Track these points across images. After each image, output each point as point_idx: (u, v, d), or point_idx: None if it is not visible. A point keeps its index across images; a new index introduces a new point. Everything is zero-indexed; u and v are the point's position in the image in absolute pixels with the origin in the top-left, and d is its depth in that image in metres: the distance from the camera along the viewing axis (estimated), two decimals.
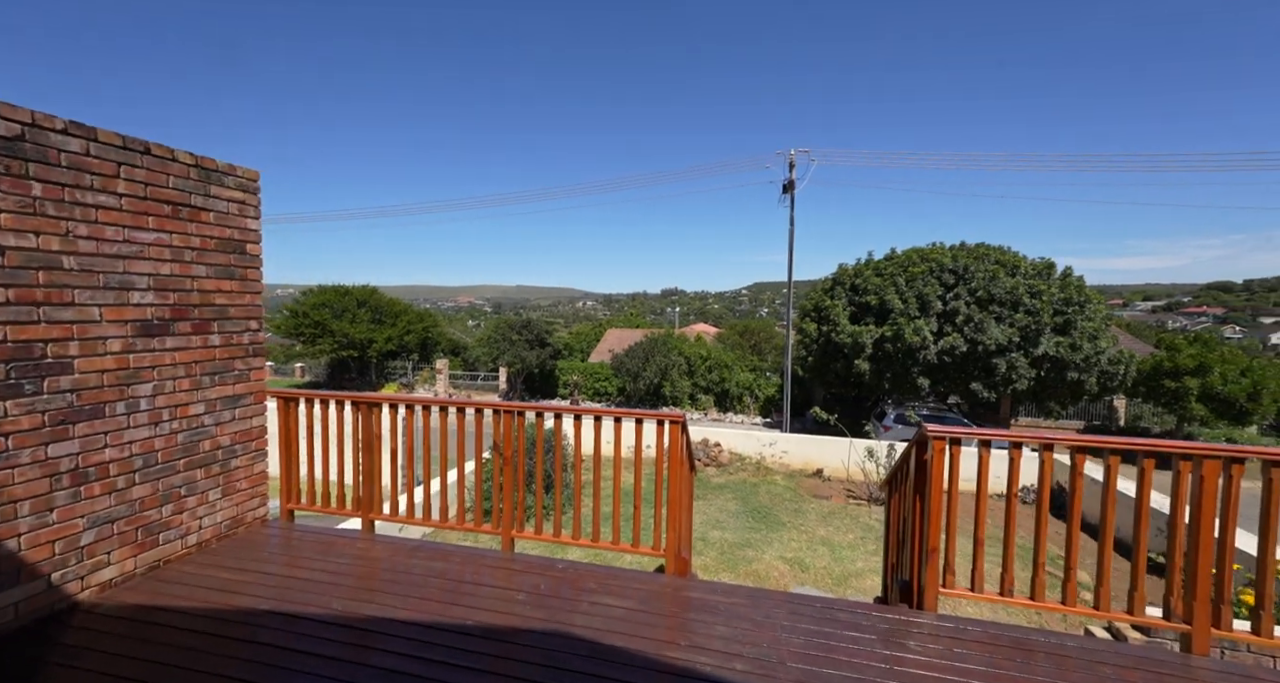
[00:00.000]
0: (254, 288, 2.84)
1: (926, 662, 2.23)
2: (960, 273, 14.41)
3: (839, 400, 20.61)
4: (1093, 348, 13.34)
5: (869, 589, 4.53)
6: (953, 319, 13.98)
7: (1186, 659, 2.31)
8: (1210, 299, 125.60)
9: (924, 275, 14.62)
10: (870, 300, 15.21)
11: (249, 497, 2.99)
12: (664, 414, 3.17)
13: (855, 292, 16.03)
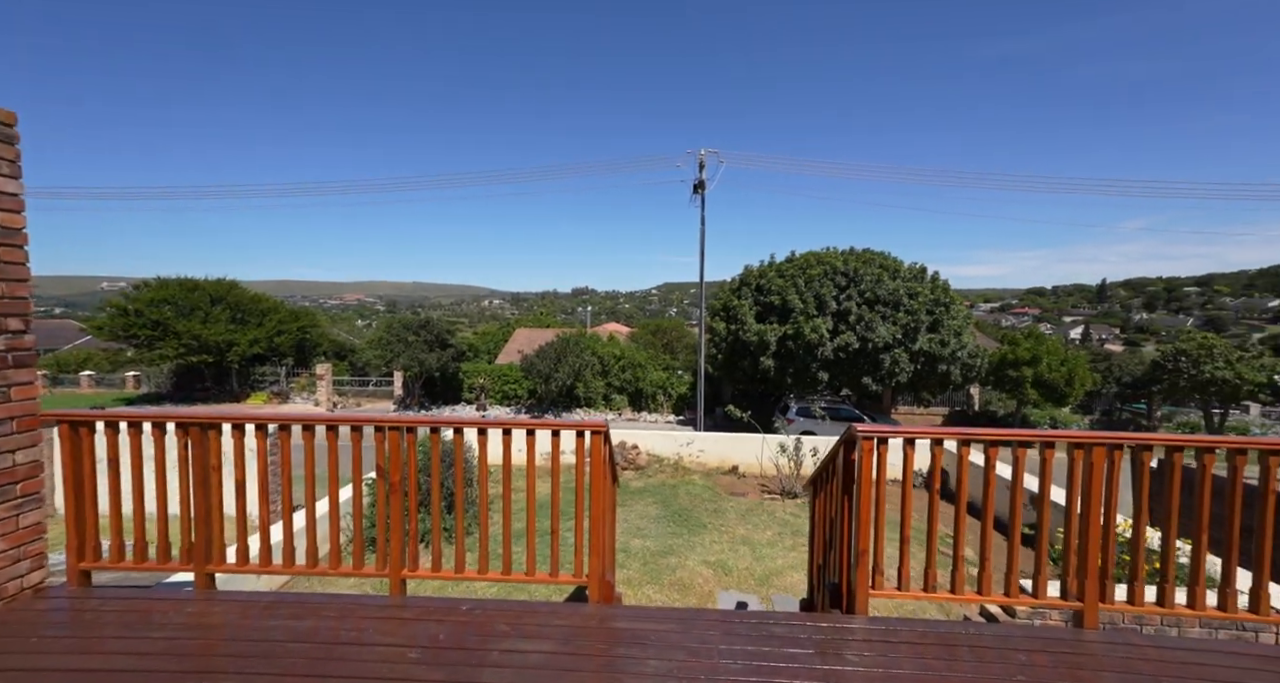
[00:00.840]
0: (12, 275, 2.07)
1: (865, 672, 2.12)
2: (851, 275, 15.67)
3: (745, 397, 21.52)
4: (958, 344, 15.19)
5: (791, 587, 4.54)
6: (846, 318, 15.15)
7: (1079, 634, 2.45)
8: (1030, 302, 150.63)
9: (820, 277, 15.69)
10: (774, 300, 16.01)
11: (12, 560, 2.19)
12: (584, 423, 2.84)
13: (760, 292, 16.80)
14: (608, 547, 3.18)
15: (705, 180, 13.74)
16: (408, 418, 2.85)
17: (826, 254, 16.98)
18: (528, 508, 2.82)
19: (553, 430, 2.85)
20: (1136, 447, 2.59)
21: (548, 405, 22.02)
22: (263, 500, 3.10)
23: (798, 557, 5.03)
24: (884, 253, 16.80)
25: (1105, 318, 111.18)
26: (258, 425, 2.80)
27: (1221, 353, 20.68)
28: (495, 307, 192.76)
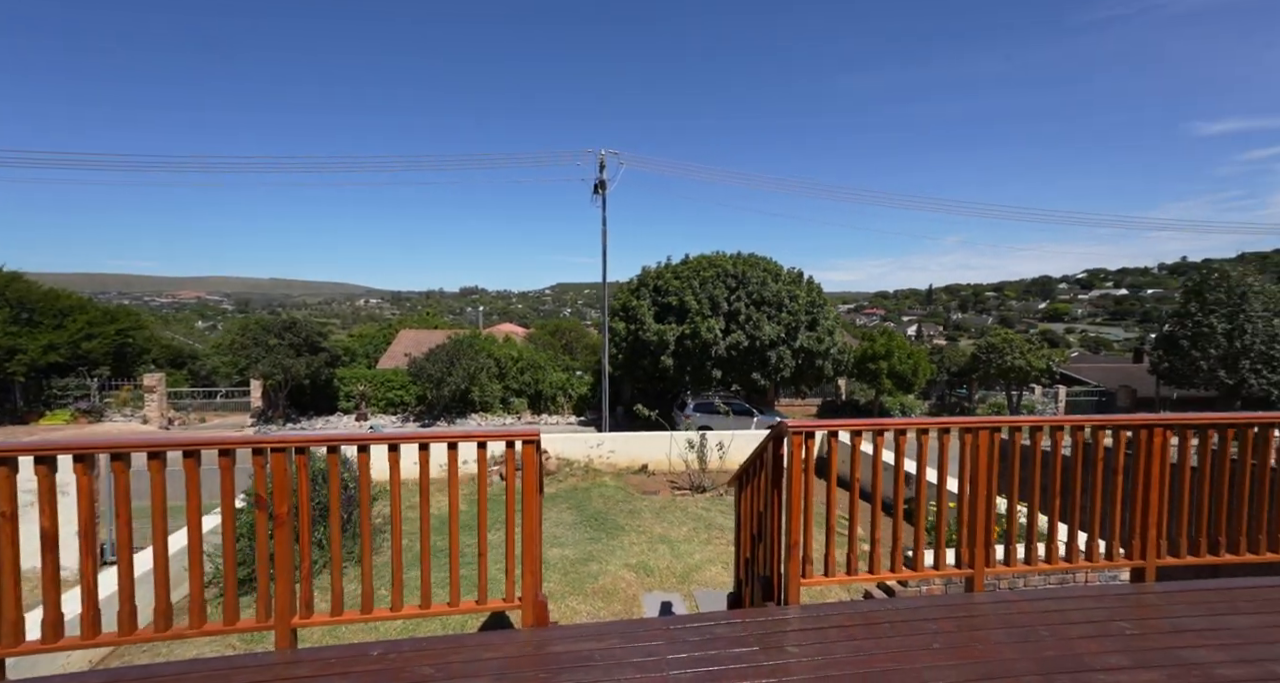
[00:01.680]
0: None
1: (808, 661, 2.21)
2: (740, 278, 16.74)
3: (644, 395, 21.97)
4: (831, 341, 16.98)
5: (712, 581, 4.66)
6: (736, 318, 16.14)
7: (971, 597, 2.80)
8: (877, 303, 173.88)
9: (713, 279, 16.53)
10: (671, 301, 16.53)
11: None
12: (514, 433, 2.63)
13: (658, 293, 17.24)
14: (539, 564, 2.99)
15: (606, 180, 13.77)
16: (297, 437, 2.41)
17: (717, 257, 17.96)
18: (451, 530, 2.55)
19: (479, 442, 2.60)
20: (1010, 429, 3.02)
21: (439, 412, 20.50)
22: (86, 550, 2.42)
23: (714, 551, 5.20)
24: (767, 258, 18.24)
25: (932, 317, 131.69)
26: (77, 456, 2.18)
27: (1017, 346, 25.54)
28: (372, 306, 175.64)
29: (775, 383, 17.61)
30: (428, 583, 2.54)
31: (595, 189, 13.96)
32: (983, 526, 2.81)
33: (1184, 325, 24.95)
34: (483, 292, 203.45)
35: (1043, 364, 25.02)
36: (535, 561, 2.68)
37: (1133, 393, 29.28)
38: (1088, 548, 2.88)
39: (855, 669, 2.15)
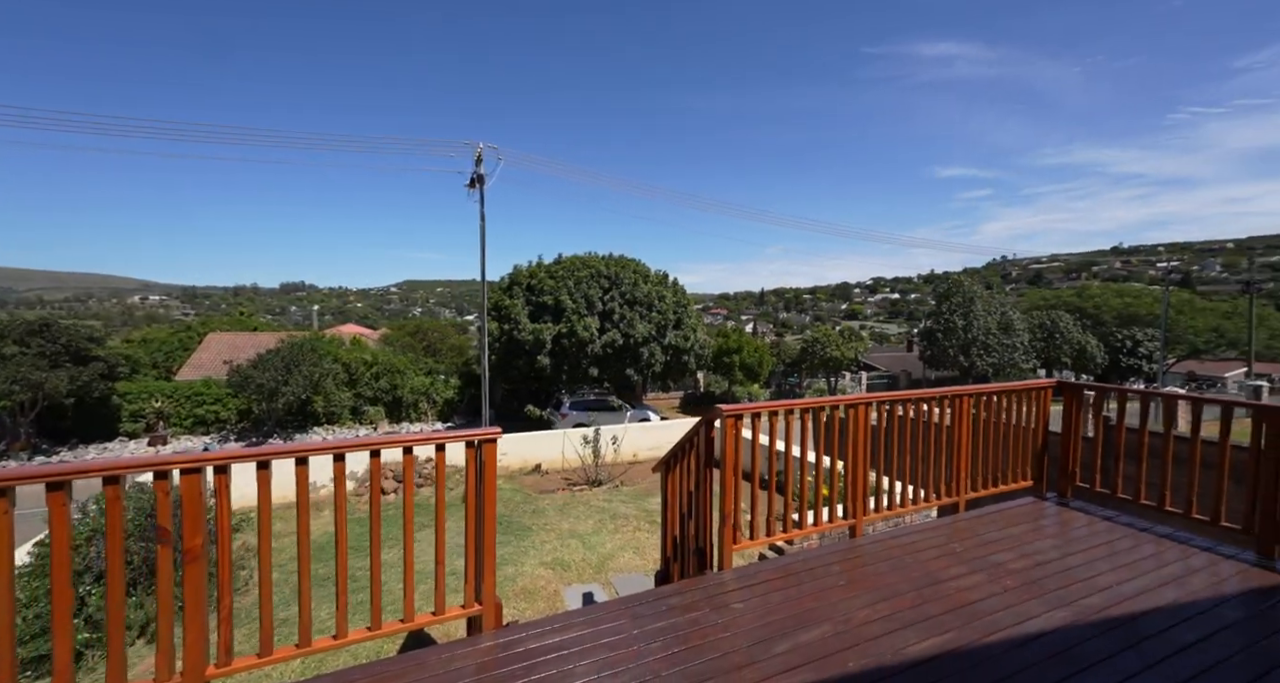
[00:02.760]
0: None
1: (751, 613, 2.65)
2: (613, 279, 17.35)
3: (515, 396, 21.46)
4: (695, 338, 18.54)
5: (627, 567, 4.96)
6: (611, 317, 16.71)
7: (855, 543, 3.52)
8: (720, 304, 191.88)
9: (588, 279, 16.87)
10: (547, 301, 16.46)
11: None
12: (474, 434, 2.62)
13: (532, 292, 17.01)
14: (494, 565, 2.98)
15: (484, 175, 13.06)
16: (184, 458, 2.10)
17: (590, 258, 18.35)
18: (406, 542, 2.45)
19: (437, 445, 2.54)
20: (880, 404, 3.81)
21: (271, 428, 17.52)
22: None
23: (624, 539, 5.51)
24: (636, 260, 19.18)
25: (764, 317, 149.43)
26: None
27: (833, 340, 30.62)
28: (153, 305, 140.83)
29: (647, 378, 18.62)
30: (378, 606, 2.42)
31: (471, 183, 13.20)
32: (862, 486, 3.55)
33: (937, 322, 32.23)
34: (311, 288, 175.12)
35: (852, 355, 30.31)
36: (493, 561, 2.71)
37: (909, 375, 36.97)
38: (924, 494, 3.81)
39: (790, 612, 2.64)
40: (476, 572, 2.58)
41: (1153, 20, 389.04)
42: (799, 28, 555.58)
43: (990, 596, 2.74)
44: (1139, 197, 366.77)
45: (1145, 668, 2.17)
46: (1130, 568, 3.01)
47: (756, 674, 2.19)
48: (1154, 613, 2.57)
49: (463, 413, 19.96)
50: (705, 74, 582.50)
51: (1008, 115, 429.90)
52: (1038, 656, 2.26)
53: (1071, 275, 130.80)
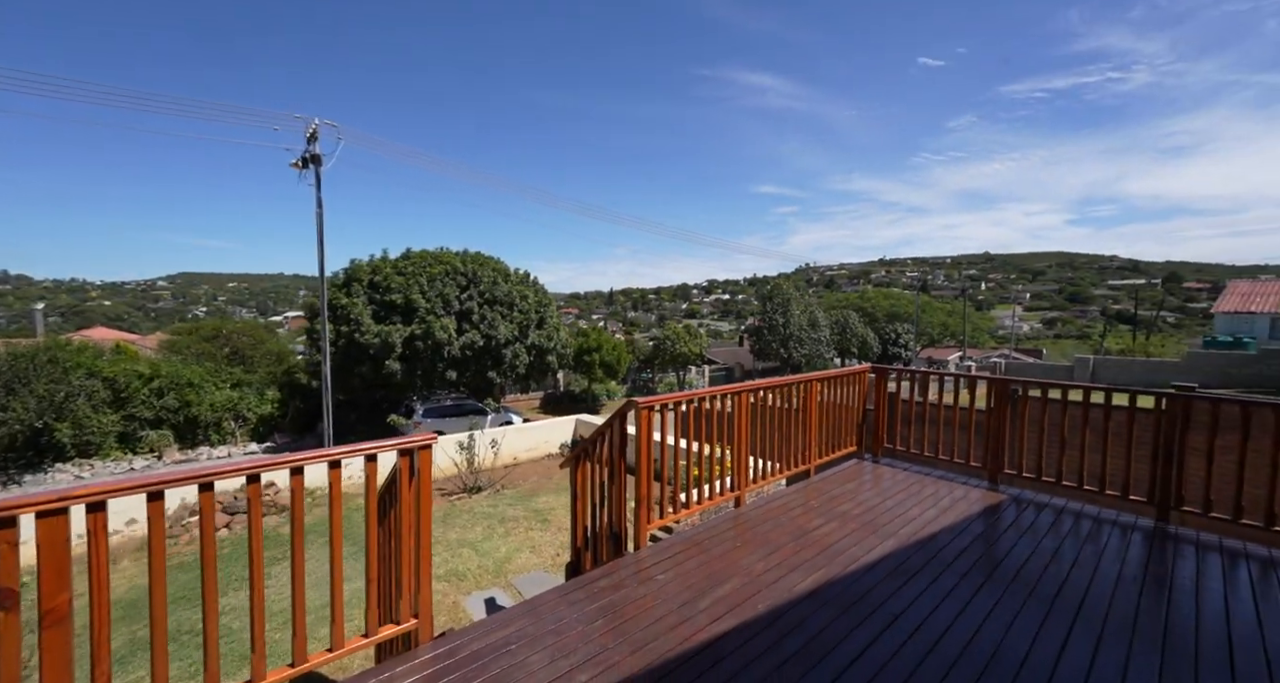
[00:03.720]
0: None
1: (672, 580, 3.05)
2: (471, 277, 16.50)
3: (353, 405, 19.13)
4: (558, 338, 18.60)
5: (526, 567, 5.00)
6: (470, 317, 15.88)
7: (741, 511, 4.14)
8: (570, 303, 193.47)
9: (442, 277, 15.77)
10: (395, 299, 14.96)
11: None
12: (409, 441, 2.53)
13: (376, 290, 15.29)
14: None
15: (320, 155, 11.21)
16: (99, 486, 1.78)
17: (444, 254, 17.17)
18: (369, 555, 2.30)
19: (367, 455, 2.41)
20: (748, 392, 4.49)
21: None
22: None
23: (517, 541, 5.49)
24: (495, 258, 18.53)
25: (614, 316, 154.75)
26: None
27: (681, 337, 33.36)
28: None
29: (510, 380, 18.12)
30: (303, 634, 2.23)
31: (304, 163, 11.24)
32: (744, 462, 4.20)
33: (763, 320, 37.20)
34: (25, 280, 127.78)
35: (697, 350, 33.29)
36: (429, 571, 2.67)
37: (742, 367, 41.88)
38: (785, 464, 4.63)
39: (703, 574, 3.10)
40: (414, 584, 2.51)
41: (902, 82, 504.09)
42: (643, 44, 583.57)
43: (843, 537, 3.54)
44: (895, 220, 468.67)
45: (944, 569, 3.09)
46: (923, 503, 4.12)
47: (690, 629, 2.57)
48: (941, 532, 3.60)
49: (286, 431, 17.06)
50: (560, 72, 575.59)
51: (808, 144, 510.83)
52: (881, 574, 3.05)
53: (854, 281, 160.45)
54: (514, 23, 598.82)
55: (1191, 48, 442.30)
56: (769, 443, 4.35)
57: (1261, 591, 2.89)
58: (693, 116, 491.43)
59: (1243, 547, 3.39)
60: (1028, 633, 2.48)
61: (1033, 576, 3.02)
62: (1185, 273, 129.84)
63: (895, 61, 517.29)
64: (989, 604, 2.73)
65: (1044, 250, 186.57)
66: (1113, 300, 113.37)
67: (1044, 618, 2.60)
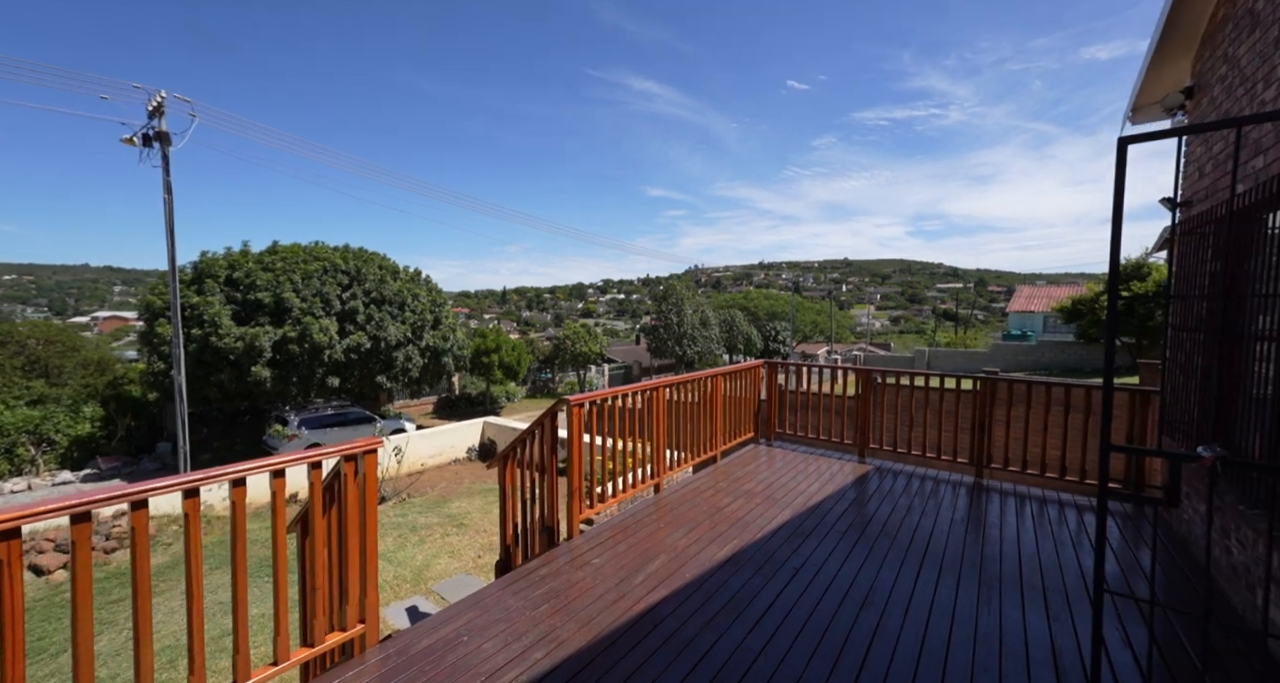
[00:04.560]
0: None
1: (605, 561, 3.33)
2: (355, 274, 15.09)
3: (204, 419, 16.58)
4: (455, 338, 17.72)
5: (447, 573, 4.94)
6: (353, 318, 14.53)
7: (660, 495, 4.53)
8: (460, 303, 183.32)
9: (321, 274, 14.24)
10: (262, 298, 13.18)
11: None
12: (353, 446, 2.51)
13: (236, 287, 13.33)
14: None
15: (168, 132, 9.32)
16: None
17: (319, 249, 15.47)
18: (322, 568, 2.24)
19: (311, 463, 2.37)
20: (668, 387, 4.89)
21: None
22: None
23: (433, 548, 5.34)
24: (381, 254, 17.11)
25: (507, 315, 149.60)
26: None
27: (581, 337, 33.51)
28: None
29: (401, 384, 16.91)
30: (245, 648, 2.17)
31: (146, 141, 9.30)
32: (661, 451, 4.60)
33: (658, 319, 38.72)
34: None
35: (597, 349, 33.67)
36: (375, 575, 2.67)
37: (640, 365, 43.15)
38: (693, 453, 5.13)
39: (635, 554, 3.42)
40: (361, 588, 2.51)
41: (774, 101, 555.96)
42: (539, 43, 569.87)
43: (749, 510, 4.08)
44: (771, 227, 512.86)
45: (829, 529, 3.74)
46: (810, 477, 4.85)
47: (630, 601, 2.88)
48: (825, 499, 4.30)
49: (114, 454, 14.22)
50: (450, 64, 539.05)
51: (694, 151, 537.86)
52: (782, 537, 3.61)
53: (738, 282, 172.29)
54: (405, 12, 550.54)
55: (988, 95, 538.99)
56: (682, 434, 4.80)
57: (1038, 521, 3.92)
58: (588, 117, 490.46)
59: (1027, 491, 4.52)
60: (892, 573, 3.16)
61: (893, 528, 3.78)
62: (989, 278, 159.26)
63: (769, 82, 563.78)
64: (864, 554, 3.39)
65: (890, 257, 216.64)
66: (940, 301, 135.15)
67: (902, 560, 3.31)
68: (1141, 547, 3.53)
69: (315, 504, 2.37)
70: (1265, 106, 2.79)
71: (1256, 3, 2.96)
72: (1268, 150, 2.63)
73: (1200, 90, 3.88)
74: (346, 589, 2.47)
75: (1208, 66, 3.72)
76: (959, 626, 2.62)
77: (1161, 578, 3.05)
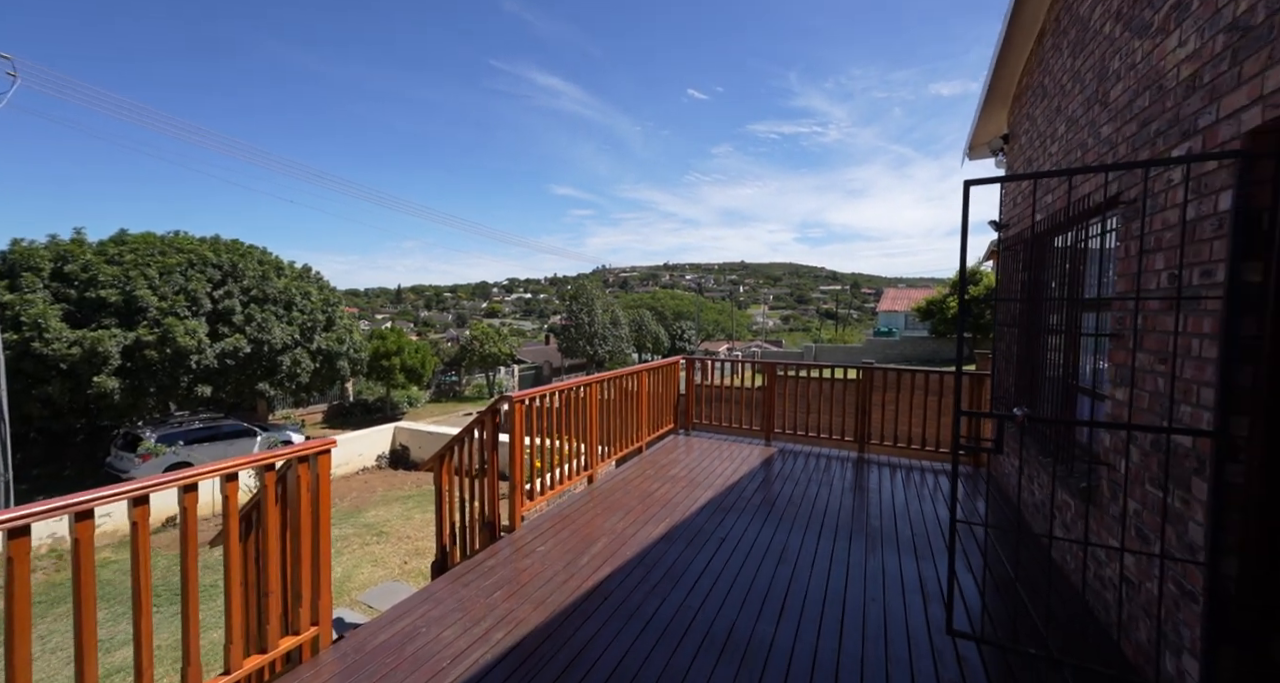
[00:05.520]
0: None
1: (550, 549, 3.55)
2: (229, 270, 13.31)
3: (21, 442, 13.76)
4: (351, 340, 16.33)
5: (371, 581, 4.76)
6: (229, 318, 12.83)
7: (594, 485, 4.77)
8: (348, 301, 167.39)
9: (185, 268, 12.39)
10: (107, 295, 11.17)
11: None
12: (304, 449, 2.48)
13: (70, 282, 11.14)
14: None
15: None
16: None
17: (182, 240, 13.42)
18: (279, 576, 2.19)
19: (258, 468, 2.31)
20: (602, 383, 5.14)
21: None
22: None
23: (352, 558, 5.08)
24: (262, 248, 15.22)
25: (403, 316, 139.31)
26: None
27: (491, 337, 32.44)
28: None
29: (291, 391, 15.23)
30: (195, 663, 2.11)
31: None
32: (594, 444, 4.85)
33: (568, 319, 38.66)
34: None
35: (507, 350, 32.80)
36: (329, 577, 2.65)
37: (551, 365, 42.68)
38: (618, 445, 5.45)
39: (577, 539, 3.67)
40: (314, 590, 2.49)
41: (676, 107, 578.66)
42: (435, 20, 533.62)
43: (677, 493, 4.49)
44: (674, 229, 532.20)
45: (745, 504, 4.25)
46: (726, 461, 5.39)
47: (579, 580, 3.12)
48: (740, 479, 4.84)
49: None
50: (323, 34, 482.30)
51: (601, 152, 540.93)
52: (708, 514, 4.05)
53: (645, 282, 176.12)
54: None
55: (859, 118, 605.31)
56: (612, 427, 5.10)
57: (907, 484, 4.76)
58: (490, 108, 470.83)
59: (900, 461, 5.43)
60: (799, 536, 3.71)
61: (797, 500, 4.39)
62: (862, 281, 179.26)
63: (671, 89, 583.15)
64: (775, 523, 3.93)
65: (780, 261, 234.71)
66: (823, 302, 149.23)
67: (806, 525, 3.89)
68: (979, 498, 4.47)
69: (268, 507, 2.33)
70: (1052, 157, 3.73)
71: (1045, 78, 3.93)
72: (1054, 189, 3.53)
73: (1013, 138, 4.97)
74: (300, 592, 2.44)
75: (1017, 121, 4.78)
76: (853, 570, 3.21)
77: (990, 516, 3.93)
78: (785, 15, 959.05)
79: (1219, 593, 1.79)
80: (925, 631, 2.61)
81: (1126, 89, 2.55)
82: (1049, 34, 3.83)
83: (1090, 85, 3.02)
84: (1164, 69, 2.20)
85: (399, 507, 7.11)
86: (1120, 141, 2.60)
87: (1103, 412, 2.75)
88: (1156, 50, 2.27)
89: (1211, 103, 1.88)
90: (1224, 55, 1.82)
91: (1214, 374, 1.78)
